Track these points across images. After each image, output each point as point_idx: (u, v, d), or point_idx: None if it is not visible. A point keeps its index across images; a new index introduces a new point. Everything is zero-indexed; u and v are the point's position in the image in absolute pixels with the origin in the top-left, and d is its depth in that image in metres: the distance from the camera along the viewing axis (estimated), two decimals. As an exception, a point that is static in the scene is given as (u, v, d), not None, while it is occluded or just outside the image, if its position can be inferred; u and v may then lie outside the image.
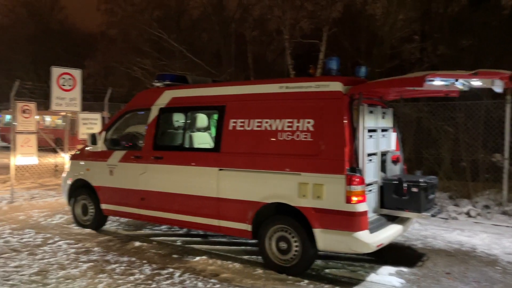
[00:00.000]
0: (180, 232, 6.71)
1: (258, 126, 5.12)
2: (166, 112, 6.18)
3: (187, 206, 5.68)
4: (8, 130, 29.57)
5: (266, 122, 5.06)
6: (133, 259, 5.32)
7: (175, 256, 5.47)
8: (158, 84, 6.50)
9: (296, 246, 4.77)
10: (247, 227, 5.12)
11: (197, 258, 5.32)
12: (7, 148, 25.70)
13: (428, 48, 15.73)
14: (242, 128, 5.24)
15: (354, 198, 4.41)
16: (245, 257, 5.49)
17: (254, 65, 23.93)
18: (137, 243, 5.95)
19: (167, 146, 6.13)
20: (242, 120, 5.26)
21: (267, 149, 5.03)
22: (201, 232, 6.54)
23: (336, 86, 4.67)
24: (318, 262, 5.18)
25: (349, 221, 4.43)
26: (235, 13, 25.65)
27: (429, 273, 5.00)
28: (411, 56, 17.68)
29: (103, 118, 10.70)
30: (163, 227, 6.93)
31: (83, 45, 35.41)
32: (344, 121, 4.54)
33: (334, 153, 4.52)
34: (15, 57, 34.09)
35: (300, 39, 17.66)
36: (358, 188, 4.43)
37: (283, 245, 4.86)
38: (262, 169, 5.02)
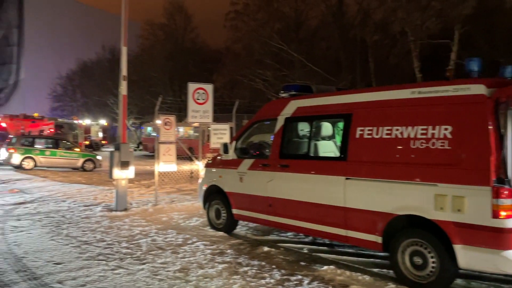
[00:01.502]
0: (306, 239, 6.78)
1: (387, 134, 4.93)
2: (292, 121, 6.34)
3: (313, 214, 5.72)
4: (149, 140, 33.23)
5: (397, 130, 4.85)
6: (263, 263, 5.53)
7: (302, 263, 5.53)
8: (284, 95, 6.71)
9: (433, 263, 4.44)
10: (377, 238, 4.95)
11: (325, 267, 5.30)
12: (148, 157, 29.01)
13: None
14: (370, 136, 5.11)
15: (503, 213, 3.96)
16: (375, 269, 5.30)
17: (376, 70, 23.11)
18: (265, 248, 6.17)
19: (293, 155, 6.27)
20: (370, 128, 5.12)
21: (398, 158, 4.81)
22: (327, 241, 6.51)
23: (478, 89, 4.27)
24: (459, 281, 4.75)
25: (496, 238, 3.99)
26: (355, 18, 25.20)
27: None
28: None
29: (231, 128, 11.39)
30: (289, 233, 7.07)
31: (211, 60, 38.36)
32: (489, 127, 4.11)
33: (477, 162, 4.13)
34: (155, 75, 38.40)
35: (427, 40, 16.57)
36: (507, 201, 3.97)
37: (418, 260, 4.57)
38: (393, 179, 4.81)
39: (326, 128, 6.23)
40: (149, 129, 32.84)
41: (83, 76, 58.11)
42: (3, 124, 24.91)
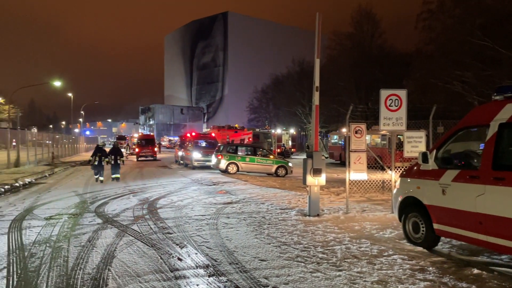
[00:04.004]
0: (528, 266, 5.76)
1: None
2: (509, 128, 5.49)
3: (540, 238, 4.81)
4: (335, 148, 33.68)
5: None
6: (473, 286, 4.92)
7: (525, 293, 4.71)
8: (497, 98, 5.89)
9: None
10: None
11: (558, 302, 4.39)
12: (334, 164, 29.43)
13: None
14: None
15: None
16: None
17: None
18: (475, 270, 5.49)
19: (510, 166, 5.42)
20: None
21: None
22: (557, 271, 5.39)
23: None
24: None
25: None
26: None
27: None
28: None
29: (426, 136, 10.60)
30: (504, 256, 6.13)
31: (399, 65, 36.63)
32: None
33: None
34: (341, 83, 38.84)
35: None
36: None
37: None
38: None
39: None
40: (334, 137, 33.32)
41: (275, 89, 63.09)
42: (213, 134, 28.95)
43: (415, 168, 7.02)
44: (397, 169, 10.45)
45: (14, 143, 26.72)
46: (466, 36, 22.59)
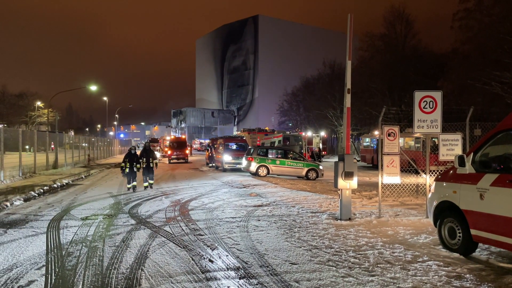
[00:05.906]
0: None
1: None
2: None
3: None
4: (367, 151, 33.11)
5: None
6: (514, 296, 4.72)
7: None
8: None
9: None
10: None
11: None
12: (365, 167, 28.94)
13: None
14: None
15: None
16: None
17: None
18: (515, 279, 5.26)
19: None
20: None
21: None
22: None
23: None
24: None
25: None
26: None
27: None
28: None
29: (463, 139, 10.26)
30: (548, 266, 5.83)
31: (434, 66, 35.64)
32: None
33: None
34: (373, 86, 38.16)
35: None
36: None
37: None
38: None
39: None
40: (366, 140, 32.79)
41: (305, 91, 62.78)
42: (244, 137, 29.11)
43: (451, 171, 6.80)
44: (432, 173, 10.16)
45: (52, 146, 27.78)
46: (506, 35, 21.73)
